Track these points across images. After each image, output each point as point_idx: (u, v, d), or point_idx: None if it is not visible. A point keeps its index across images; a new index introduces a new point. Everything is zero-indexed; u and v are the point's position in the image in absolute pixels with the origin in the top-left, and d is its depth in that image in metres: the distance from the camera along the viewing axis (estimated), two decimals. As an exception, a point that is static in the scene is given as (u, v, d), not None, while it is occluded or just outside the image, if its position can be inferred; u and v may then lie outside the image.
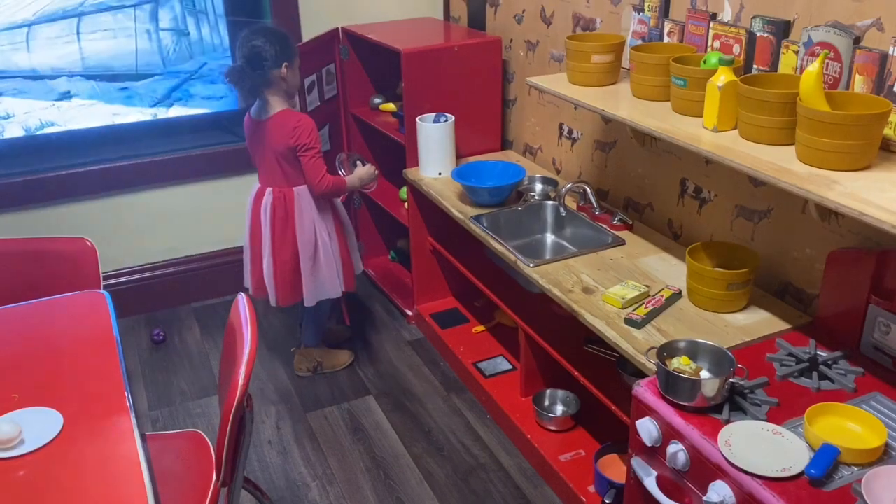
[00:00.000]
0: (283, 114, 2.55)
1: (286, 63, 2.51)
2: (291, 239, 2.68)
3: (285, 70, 2.51)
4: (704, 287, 1.98)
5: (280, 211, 2.66)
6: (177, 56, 3.34)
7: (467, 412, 2.80)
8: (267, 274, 2.73)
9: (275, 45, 2.49)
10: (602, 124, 2.67)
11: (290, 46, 2.54)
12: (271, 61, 2.48)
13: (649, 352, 1.72)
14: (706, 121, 1.86)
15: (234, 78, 2.50)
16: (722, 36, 2.05)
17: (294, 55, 2.56)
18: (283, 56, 2.50)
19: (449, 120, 2.91)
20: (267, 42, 2.48)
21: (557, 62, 2.85)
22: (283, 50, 2.50)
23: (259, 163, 2.67)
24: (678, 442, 1.60)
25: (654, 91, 2.08)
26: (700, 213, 2.31)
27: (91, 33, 3.17)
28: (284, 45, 2.52)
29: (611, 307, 2.03)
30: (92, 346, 1.92)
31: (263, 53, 2.48)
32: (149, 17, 3.23)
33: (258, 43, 2.49)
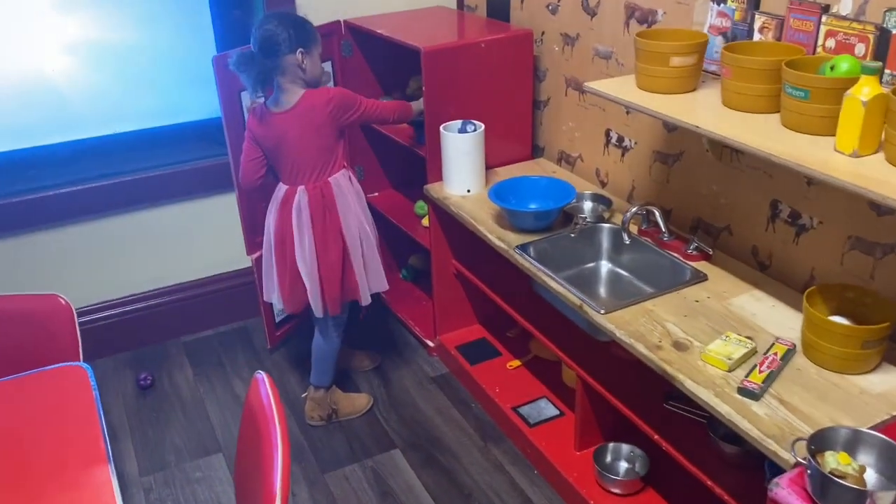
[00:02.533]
0: (309, 94, 2.26)
1: (301, 49, 2.21)
2: (336, 236, 2.35)
3: (300, 56, 2.21)
4: (830, 344, 1.61)
5: (318, 208, 2.33)
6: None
7: (510, 467, 2.43)
8: (311, 283, 2.37)
9: (288, 29, 2.20)
10: (664, 132, 2.29)
11: (307, 31, 2.25)
12: (284, 46, 2.19)
13: (796, 445, 1.36)
14: (842, 143, 1.48)
15: (242, 64, 2.17)
16: (839, 33, 1.67)
17: (312, 41, 2.25)
18: (298, 41, 2.21)
19: (478, 129, 2.51)
20: (280, 25, 2.20)
21: (604, 59, 2.45)
22: (297, 35, 2.21)
23: (283, 162, 2.32)
24: (845, 570, 1.24)
25: (755, 101, 1.71)
26: (797, 243, 1.95)
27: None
28: (300, 30, 2.23)
29: (714, 370, 1.66)
30: (72, 440, 1.52)
31: (275, 38, 2.19)
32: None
33: (270, 27, 2.20)
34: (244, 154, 2.36)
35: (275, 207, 2.37)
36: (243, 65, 2.17)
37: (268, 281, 2.49)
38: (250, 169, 2.36)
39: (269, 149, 2.31)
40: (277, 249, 2.39)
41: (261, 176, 2.36)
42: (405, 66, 3.05)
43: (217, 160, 2.98)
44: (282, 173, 2.35)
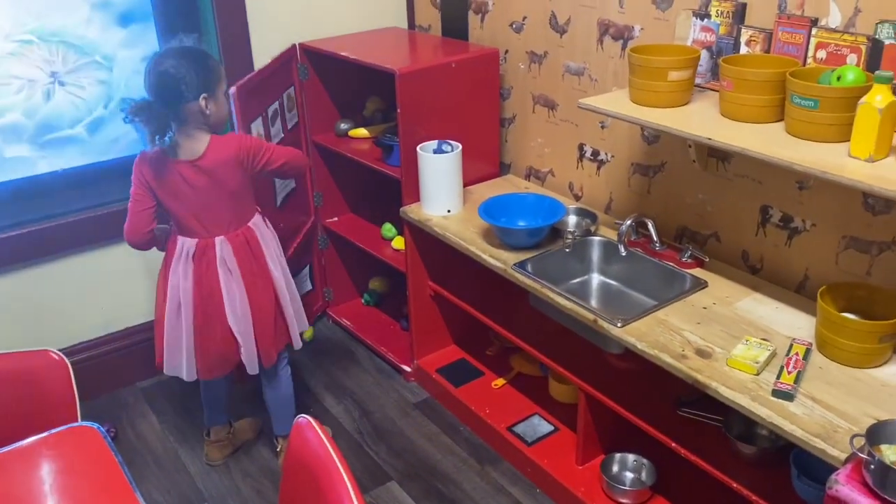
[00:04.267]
0: (215, 141, 2.05)
1: (205, 94, 1.98)
2: (266, 282, 2.21)
3: (204, 102, 1.98)
4: (848, 340, 1.69)
5: (245, 257, 2.17)
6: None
7: (511, 488, 2.40)
8: (245, 339, 2.20)
9: (189, 71, 1.95)
10: (643, 144, 2.34)
11: (210, 70, 2.01)
12: (187, 93, 1.95)
13: (854, 440, 1.40)
14: (857, 149, 1.56)
15: (140, 115, 1.91)
16: (830, 45, 1.76)
17: (216, 81, 2.03)
18: (202, 86, 1.97)
19: (456, 149, 2.49)
20: (179, 67, 1.94)
21: (575, 75, 2.49)
22: (200, 77, 1.97)
23: (190, 213, 2.10)
24: (917, 558, 1.28)
25: (757, 112, 1.77)
26: (790, 245, 2.03)
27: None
28: (202, 70, 1.98)
29: (743, 374, 1.70)
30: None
31: (175, 83, 1.94)
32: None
33: (167, 69, 1.95)
34: (133, 204, 2.09)
35: (182, 265, 2.13)
36: (139, 116, 1.90)
37: (173, 352, 2.20)
38: (142, 220, 2.10)
39: (167, 199, 2.08)
40: (198, 311, 2.15)
41: (152, 229, 2.13)
42: (362, 88, 3.00)
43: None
44: (186, 226, 2.12)
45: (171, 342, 2.21)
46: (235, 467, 2.52)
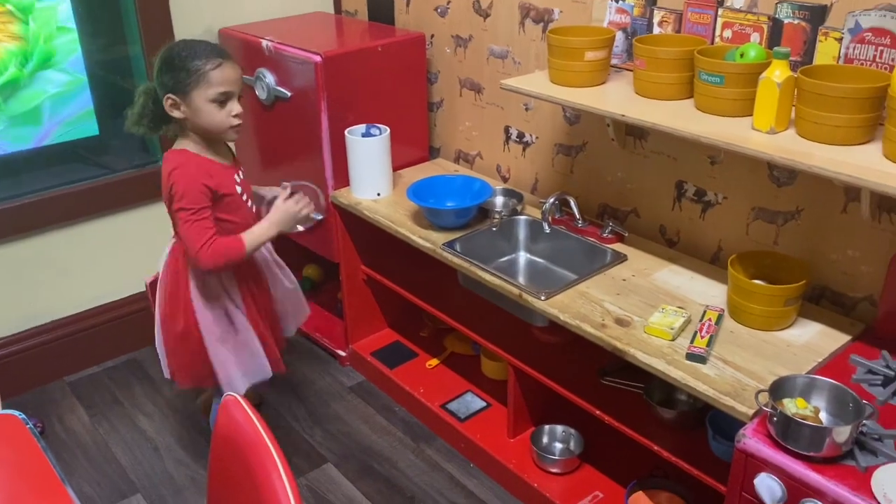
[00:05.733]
0: (168, 155, 1.93)
1: (170, 95, 1.86)
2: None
3: (169, 103, 1.86)
4: (756, 304, 1.78)
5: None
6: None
7: (447, 464, 2.45)
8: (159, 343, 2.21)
9: (159, 63, 1.88)
10: (565, 125, 2.41)
11: (178, 70, 1.84)
12: (158, 89, 1.89)
13: (759, 395, 1.49)
14: (759, 122, 1.64)
15: (138, 101, 1.94)
16: (735, 24, 1.85)
17: (190, 84, 1.84)
18: (168, 85, 1.85)
19: (384, 132, 2.51)
20: (159, 63, 1.88)
21: (499, 59, 2.54)
22: (166, 74, 1.85)
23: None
24: (817, 500, 1.37)
25: (667, 89, 1.85)
26: (703, 218, 2.12)
27: None
28: (168, 68, 1.85)
29: (659, 340, 1.78)
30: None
31: (156, 79, 1.89)
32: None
33: (157, 58, 1.90)
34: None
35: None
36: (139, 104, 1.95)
37: (243, 363, 2.10)
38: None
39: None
40: (250, 310, 2.11)
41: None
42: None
43: (89, 183, 2.77)
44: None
45: (227, 355, 2.07)
46: (168, 456, 2.50)
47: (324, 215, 2.38)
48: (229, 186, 1.96)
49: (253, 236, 1.98)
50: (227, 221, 1.97)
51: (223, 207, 1.95)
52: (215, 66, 1.84)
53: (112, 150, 2.87)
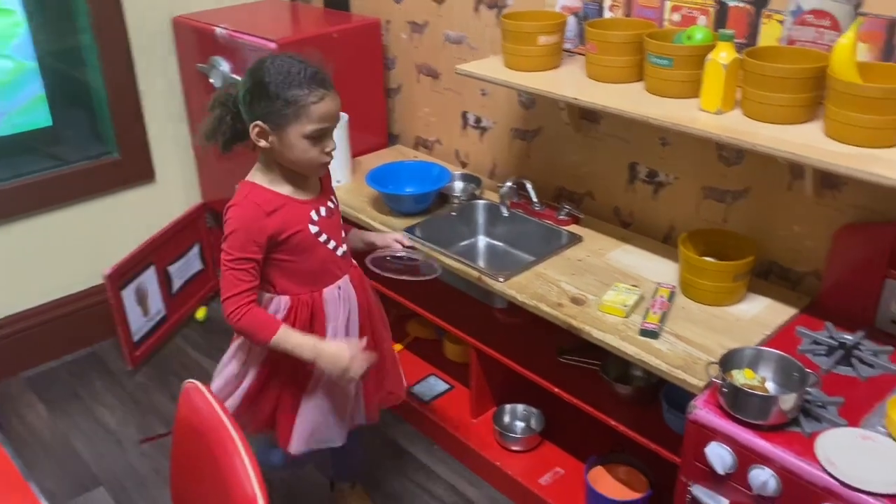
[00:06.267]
0: (240, 185, 1.68)
1: (259, 123, 1.56)
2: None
3: (256, 131, 1.58)
4: (706, 280, 1.84)
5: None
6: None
7: (411, 447, 2.48)
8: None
9: (245, 86, 1.58)
10: (521, 110, 2.44)
11: (267, 96, 1.54)
12: (244, 111, 1.60)
13: (709, 367, 1.54)
14: (706, 103, 1.69)
15: (214, 112, 1.65)
16: (683, 8, 1.89)
17: (276, 114, 1.55)
18: (257, 112, 1.56)
19: (342, 119, 2.51)
20: (249, 83, 1.57)
21: (455, 44, 2.55)
22: (255, 98, 1.56)
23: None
24: (764, 467, 1.43)
25: (619, 72, 1.89)
26: (656, 199, 2.17)
27: None
28: (258, 93, 1.55)
29: (613, 318, 1.82)
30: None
31: (238, 93, 1.61)
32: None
33: (245, 76, 1.60)
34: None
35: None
36: (215, 115, 1.65)
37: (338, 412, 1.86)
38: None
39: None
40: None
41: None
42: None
43: (49, 173, 2.72)
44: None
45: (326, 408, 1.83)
46: (132, 448, 2.48)
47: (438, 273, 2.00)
48: (299, 224, 1.65)
49: (288, 338, 1.65)
50: (292, 262, 1.68)
51: (288, 249, 1.66)
52: (318, 98, 1.56)
53: (66, 141, 2.83)
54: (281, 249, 1.66)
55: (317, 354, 1.66)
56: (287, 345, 1.65)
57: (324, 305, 1.73)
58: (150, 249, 2.85)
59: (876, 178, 1.41)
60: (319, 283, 1.73)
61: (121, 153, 2.86)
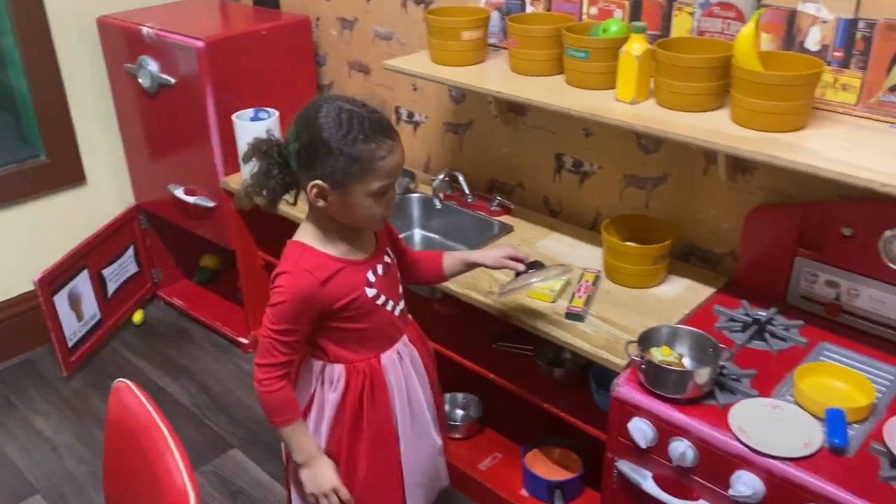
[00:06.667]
0: (287, 248, 1.53)
1: (319, 184, 1.40)
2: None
3: (315, 192, 1.42)
4: (627, 264, 1.91)
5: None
6: None
7: (353, 440, 2.50)
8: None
9: (300, 142, 1.41)
10: (451, 104, 2.48)
11: (329, 153, 1.37)
12: (299, 164, 1.43)
13: (629, 346, 1.60)
14: (622, 94, 1.76)
15: (256, 164, 1.48)
16: (600, 1, 1.96)
17: (341, 172, 1.38)
18: (312, 168, 1.40)
19: (273, 115, 2.52)
20: (306, 138, 1.40)
21: (385, 40, 2.58)
22: (313, 156, 1.39)
23: None
24: (683, 438, 1.50)
25: (540, 66, 1.95)
26: (582, 188, 2.24)
27: None
28: (318, 149, 1.38)
29: (541, 303, 1.88)
30: None
31: (288, 145, 1.44)
32: None
33: (297, 127, 1.42)
34: None
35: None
36: (262, 165, 1.48)
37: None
38: None
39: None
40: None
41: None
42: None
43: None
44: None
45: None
46: (69, 455, 2.45)
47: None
48: (356, 289, 1.51)
49: (296, 433, 1.55)
50: (347, 329, 1.53)
51: (344, 317, 1.51)
52: (387, 152, 1.39)
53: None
54: (335, 317, 1.50)
55: (307, 463, 1.56)
56: (291, 438, 1.55)
57: (383, 374, 1.59)
58: (82, 253, 2.81)
59: (777, 160, 1.49)
60: (376, 349, 1.58)
61: (48, 156, 2.81)
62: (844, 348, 1.68)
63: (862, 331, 1.73)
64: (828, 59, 1.63)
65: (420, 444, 1.69)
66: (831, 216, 1.70)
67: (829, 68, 1.62)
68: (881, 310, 1.69)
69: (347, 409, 1.58)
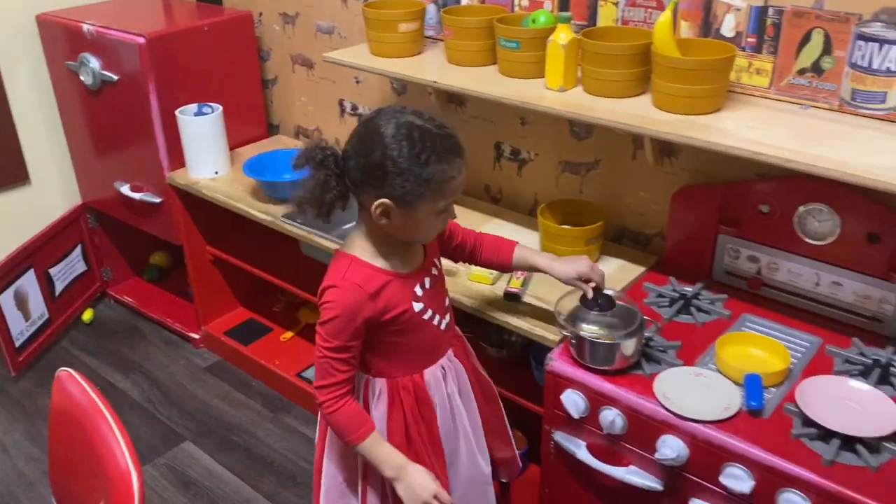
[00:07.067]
0: (335, 260, 1.50)
1: (384, 200, 1.36)
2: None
3: (380, 210, 1.37)
4: (562, 246, 1.98)
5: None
6: None
7: (305, 429, 2.54)
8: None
9: (366, 158, 1.35)
10: (394, 96, 2.53)
11: (398, 172, 1.33)
12: (363, 181, 1.38)
13: (559, 322, 1.67)
14: (550, 82, 1.83)
15: (314, 171, 1.39)
16: (530, -7, 2.03)
17: (411, 192, 1.34)
18: (380, 186, 1.35)
19: (216, 110, 2.54)
20: (366, 145, 1.36)
21: (326, 34, 2.62)
22: (381, 176, 1.34)
23: None
24: (612, 407, 1.58)
25: (474, 56, 2.01)
26: (521, 175, 2.31)
27: None
28: (385, 169, 1.33)
29: (481, 286, 1.94)
30: None
31: (350, 160, 1.39)
32: None
33: (362, 142, 1.37)
34: None
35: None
36: (314, 176, 1.40)
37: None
38: None
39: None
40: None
41: None
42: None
43: None
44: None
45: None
46: (18, 453, 2.45)
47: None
48: (404, 303, 1.48)
49: (377, 447, 1.50)
50: (392, 343, 1.51)
51: (390, 331, 1.49)
52: (458, 172, 1.38)
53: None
54: (381, 331, 1.48)
55: (398, 476, 1.50)
56: (373, 453, 1.50)
57: (427, 389, 1.57)
58: (27, 252, 2.80)
59: (693, 141, 1.58)
60: (420, 365, 1.56)
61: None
62: (765, 319, 1.77)
63: (781, 302, 1.82)
64: (742, 45, 1.72)
65: (461, 468, 1.66)
66: (750, 194, 1.79)
67: (743, 54, 1.72)
68: (797, 282, 1.79)
69: (396, 425, 1.55)
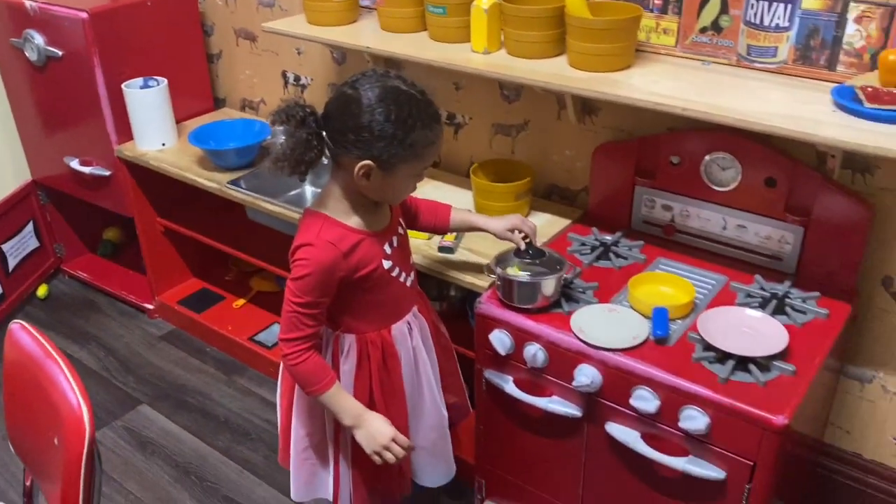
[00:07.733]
0: (305, 219, 1.56)
1: (368, 163, 1.42)
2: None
3: (362, 172, 1.43)
4: (493, 202, 2.10)
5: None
6: None
7: (258, 389, 2.65)
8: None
9: (353, 121, 1.40)
10: (334, 66, 2.63)
11: (384, 136, 1.39)
12: (345, 141, 1.43)
13: (487, 267, 1.80)
14: (475, 45, 1.94)
15: (294, 129, 1.44)
16: (457, -38, 2.13)
17: (396, 156, 1.42)
18: (365, 148, 1.41)
19: (162, 84, 2.61)
20: (351, 108, 1.41)
21: (268, 7, 2.70)
22: (367, 138, 1.40)
23: None
24: (534, 343, 1.71)
25: (406, 23, 2.11)
26: (457, 139, 2.43)
27: None
28: (373, 132, 1.39)
29: (418, 241, 2.06)
30: None
31: (337, 119, 1.44)
32: None
33: (347, 104, 1.42)
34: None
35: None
36: (289, 133, 1.46)
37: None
38: None
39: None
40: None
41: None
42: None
43: None
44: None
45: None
46: (-25, 423, 2.51)
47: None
48: (375, 261, 1.56)
49: (337, 397, 1.58)
50: (361, 299, 1.59)
51: (360, 288, 1.56)
52: (438, 137, 1.47)
53: None
54: (351, 288, 1.54)
55: (357, 424, 1.59)
56: (334, 403, 1.58)
57: (394, 343, 1.67)
58: (-23, 229, 2.84)
59: (603, 95, 1.71)
60: (388, 320, 1.65)
61: (-64, 133, 2.82)
62: (678, 262, 1.92)
63: (693, 246, 1.97)
64: (649, 7, 1.85)
65: (426, 414, 1.78)
66: (661, 147, 1.93)
67: (650, 14, 1.85)
68: (707, 227, 1.94)
69: (362, 379, 1.66)
